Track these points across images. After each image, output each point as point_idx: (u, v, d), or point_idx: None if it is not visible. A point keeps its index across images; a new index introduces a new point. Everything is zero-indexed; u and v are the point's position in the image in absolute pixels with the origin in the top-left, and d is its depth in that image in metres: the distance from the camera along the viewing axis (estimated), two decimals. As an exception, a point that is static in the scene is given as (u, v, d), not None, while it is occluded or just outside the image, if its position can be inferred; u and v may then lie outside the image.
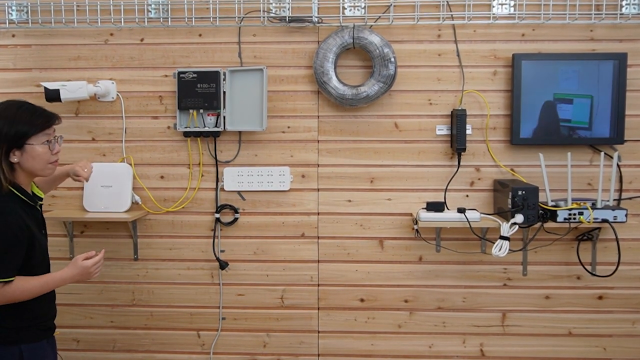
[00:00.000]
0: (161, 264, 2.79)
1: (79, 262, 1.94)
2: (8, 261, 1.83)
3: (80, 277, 1.95)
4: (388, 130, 2.68)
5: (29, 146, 1.86)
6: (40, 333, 1.97)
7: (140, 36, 2.71)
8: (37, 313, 1.96)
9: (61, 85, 2.60)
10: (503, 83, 2.63)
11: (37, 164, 1.89)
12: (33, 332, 1.95)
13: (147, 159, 2.74)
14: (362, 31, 2.54)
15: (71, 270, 1.94)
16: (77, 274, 1.94)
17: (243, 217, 2.75)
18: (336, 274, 2.75)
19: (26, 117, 1.86)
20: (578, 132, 2.57)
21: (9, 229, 1.81)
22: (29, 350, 1.92)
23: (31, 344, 1.94)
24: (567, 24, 2.59)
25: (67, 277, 1.94)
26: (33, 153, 1.87)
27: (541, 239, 2.58)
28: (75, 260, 1.95)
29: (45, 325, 2.00)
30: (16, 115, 1.84)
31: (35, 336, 1.95)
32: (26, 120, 1.85)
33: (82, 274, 1.94)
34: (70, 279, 1.95)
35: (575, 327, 2.71)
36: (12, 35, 2.74)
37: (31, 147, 1.86)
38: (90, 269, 1.94)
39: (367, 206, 2.71)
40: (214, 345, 2.81)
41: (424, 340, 2.76)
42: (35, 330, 1.96)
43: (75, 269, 1.94)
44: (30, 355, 1.92)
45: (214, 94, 2.62)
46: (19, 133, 1.84)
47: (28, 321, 1.93)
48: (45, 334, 2.00)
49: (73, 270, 1.94)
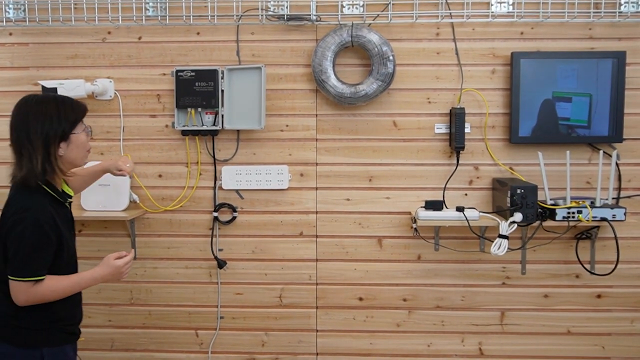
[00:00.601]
0: (159, 263, 2.78)
1: (111, 261, 1.91)
2: (38, 260, 1.80)
3: (111, 277, 1.92)
4: (387, 128, 2.68)
5: (74, 135, 1.87)
6: (63, 337, 1.93)
7: (138, 34, 2.70)
8: (60, 315, 1.91)
9: (59, 84, 2.59)
10: (502, 81, 2.63)
11: (80, 152, 1.91)
12: (55, 335, 1.91)
13: (145, 157, 2.73)
14: (361, 29, 2.54)
15: (102, 270, 1.90)
16: (108, 274, 1.91)
17: (241, 216, 2.74)
18: (335, 272, 2.75)
19: (69, 108, 1.87)
20: (577, 130, 2.57)
21: (40, 226, 1.78)
22: (51, 355, 1.88)
23: (54, 348, 1.89)
24: (565, 22, 2.58)
25: (98, 276, 1.91)
26: (77, 142, 1.88)
27: (540, 238, 2.58)
28: (107, 259, 1.92)
29: (69, 330, 1.96)
30: (59, 109, 1.85)
31: (58, 340, 1.91)
32: (70, 110, 1.87)
33: (113, 273, 1.91)
34: (101, 278, 1.91)
35: (574, 325, 2.71)
36: (10, 33, 2.73)
37: (76, 136, 1.88)
38: (121, 268, 1.91)
39: (366, 205, 2.71)
40: (212, 344, 2.80)
41: (422, 339, 2.75)
42: (58, 333, 1.91)
43: (107, 268, 1.90)
44: (52, 359, 1.88)
45: (212, 93, 2.61)
46: (69, 124, 1.85)
47: (50, 323, 1.89)
48: (69, 338, 1.96)
49: (104, 269, 1.90)
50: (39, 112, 1.82)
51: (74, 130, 1.87)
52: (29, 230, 1.77)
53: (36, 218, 1.78)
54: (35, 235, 1.78)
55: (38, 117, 1.82)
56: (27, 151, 1.81)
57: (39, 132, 1.80)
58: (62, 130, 1.83)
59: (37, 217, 1.78)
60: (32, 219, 1.78)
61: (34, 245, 1.78)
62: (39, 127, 1.81)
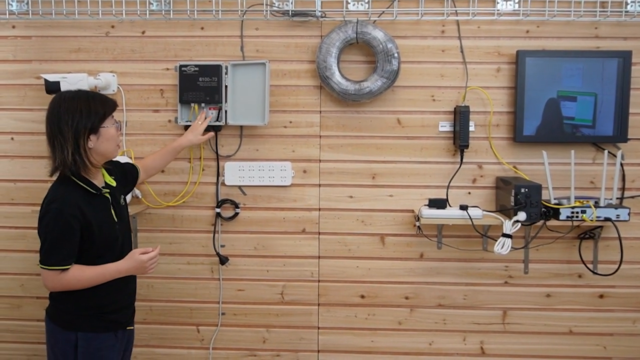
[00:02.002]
0: (161, 259, 2.77)
1: (136, 255, 1.99)
2: (63, 249, 1.89)
3: (135, 271, 2.02)
4: (390, 126, 2.67)
5: (104, 129, 1.96)
6: (99, 324, 2.00)
7: (142, 29, 2.69)
8: (96, 303, 1.99)
9: (62, 78, 2.57)
10: (507, 80, 2.62)
11: (110, 145, 1.99)
12: (91, 321, 1.99)
13: (147, 152, 2.72)
14: (366, 26, 2.53)
15: (127, 263, 1.99)
16: (132, 267, 2.00)
17: (244, 212, 2.73)
18: (337, 270, 2.74)
19: (99, 103, 1.97)
20: (581, 130, 2.56)
21: (62, 217, 1.87)
22: (84, 339, 1.97)
23: (88, 333, 1.97)
24: (571, 21, 2.57)
25: (123, 269, 1.99)
26: (107, 135, 1.97)
27: (543, 237, 2.57)
28: (132, 253, 2.00)
29: (106, 317, 2.02)
30: (89, 103, 1.94)
31: (93, 326, 1.99)
32: (99, 105, 1.96)
33: (137, 267, 2.00)
34: (125, 271, 2.00)
35: (576, 325, 2.71)
36: (12, 26, 2.72)
37: (105, 130, 1.96)
38: (145, 263, 2.00)
39: (369, 202, 2.70)
40: (214, 340, 2.80)
41: (424, 338, 2.75)
42: (93, 320, 1.99)
43: (132, 262, 1.99)
44: (85, 344, 1.97)
45: (215, 88, 2.60)
46: (98, 117, 1.93)
47: (86, 310, 1.98)
48: (108, 326, 2.02)
49: (129, 263, 1.99)
50: (70, 107, 1.92)
51: (103, 124, 1.95)
52: (52, 222, 1.88)
53: (60, 210, 1.88)
54: (58, 226, 1.88)
55: (69, 111, 1.91)
56: (59, 143, 1.91)
57: (69, 124, 1.90)
58: (92, 123, 1.92)
59: (60, 209, 1.88)
60: (56, 210, 1.88)
61: (57, 236, 1.88)
62: (69, 120, 1.90)
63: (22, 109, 2.74)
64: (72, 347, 1.97)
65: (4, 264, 2.80)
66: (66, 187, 1.93)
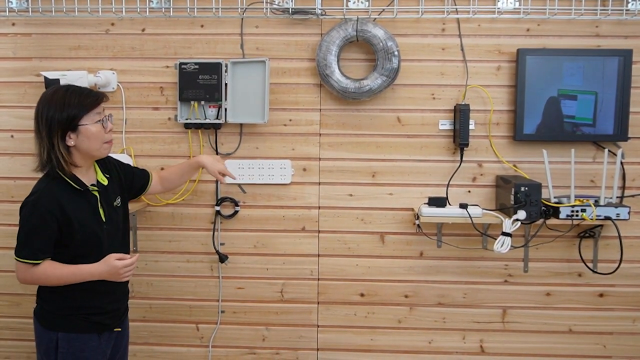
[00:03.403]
0: (160, 257, 2.77)
1: (111, 260, 1.91)
2: (35, 243, 1.85)
3: (109, 276, 1.93)
4: (390, 124, 2.67)
5: (83, 127, 1.86)
6: (81, 325, 1.94)
7: (142, 26, 2.69)
8: (79, 304, 1.94)
9: (61, 75, 2.57)
10: (507, 78, 2.61)
11: (93, 144, 1.89)
12: (72, 322, 1.94)
13: (147, 150, 2.72)
14: (366, 24, 2.52)
15: (101, 267, 1.91)
16: (105, 272, 1.91)
17: (243, 210, 2.73)
18: (336, 268, 2.74)
19: (75, 99, 1.86)
20: (582, 128, 2.55)
21: (36, 211, 1.83)
22: (65, 340, 1.92)
23: (69, 334, 1.93)
24: (572, 19, 2.57)
25: (96, 272, 1.91)
26: (87, 133, 1.87)
27: (543, 236, 2.56)
28: (108, 258, 1.92)
29: (92, 319, 1.97)
30: (65, 99, 1.85)
31: (75, 327, 1.94)
32: (76, 101, 1.86)
33: (111, 272, 1.91)
34: (98, 275, 1.92)
35: (575, 324, 2.71)
36: (12, 23, 2.71)
37: (85, 128, 1.87)
38: (119, 269, 1.91)
39: (369, 201, 2.70)
40: (213, 338, 2.79)
41: (423, 336, 2.75)
42: (75, 320, 1.94)
43: (106, 267, 1.91)
44: (65, 344, 1.92)
45: (215, 86, 2.60)
46: (71, 115, 1.84)
47: (68, 310, 1.94)
48: (91, 327, 1.97)
49: (103, 267, 1.91)
50: (47, 103, 1.86)
51: (81, 121, 1.86)
52: (28, 214, 1.85)
53: (36, 203, 1.84)
54: (32, 219, 1.84)
55: (45, 107, 1.85)
56: (39, 140, 1.86)
57: (44, 122, 1.84)
58: (65, 120, 1.83)
59: (36, 202, 1.84)
60: (32, 203, 1.85)
61: (31, 228, 1.85)
62: (44, 117, 1.84)
63: (22, 107, 2.73)
64: (53, 348, 1.92)
65: (4, 261, 2.80)
66: (50, 181, 1.87)
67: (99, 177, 2.01)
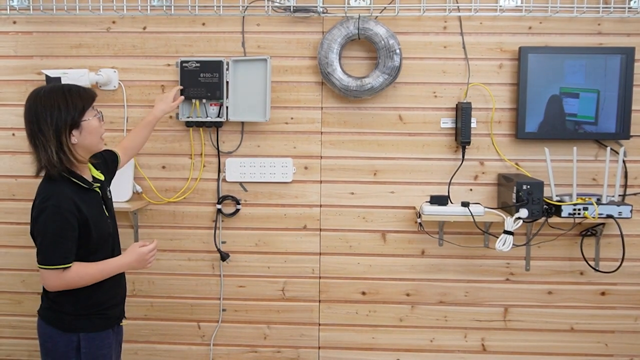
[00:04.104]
0: (162, 255, 2.77)
1: (136, 248, 1.95)
2: (63, 247, 1.84)
3: (137, 264, 1.96)
4: (392, 122, 2.66)
5: (85, 122, 1.88)
6: (100, 322, 1.96)
7: (143, 24, 2.68)
8: (96, 300, 1.95)
9: (62, 73, 2.57)
10: (509, 76, 2.61)
11: (94, 138, 1.91)
12: (92, 320, 1.95)
13: (148, 148, 2.72)
14: (368, 22, 2.52)
15: (128, 257, 1.95)
16: (133, 261, 1.95)
17: (245, 209, 2.73)
18: (338, 266, 2.74)
19: (76, 95, 1.88)
20: (584, 126, 2.55)
21: (61, 214, 1.82)
22: (87, 339, 1.93)
23: (90, 333, 1.93)
24: (574, 17, 2.56)
25: (124, 263, 1.94)
26: (90, 128, 1.89)
27: (545, 234, 2.56)
28: (133, 247, 1.96)
29: (106, 314, 1.98)
30: (66, 98, 1.86)
31: (95, 325, 1.95)
32: (77, 98, 1.87)
33: (138, 260, 1.95)
34: (127, 265, 1.95)
35: (577, 322, 2.70)
36: (14, 22, 2.71)
37: (87, 123, 1.88)
38: (146, 255, 1.95)
39: (370, 199, 2.69)
40: (214, 336, 2.79)
41: (425, 334, 2.75)
42: (94, 318, 1.95)
43: (133, 255, 1.95)
44: (87, 344, 1.93)
45: (216, 84, 2.60)
46: (77, 111, 1.86)
47: (87, 309, 1.94)
48: (107, 322, 1.99)
49: (130, 256, 1.95)
50: (47, 104, 1.84)
51: (84, 117, 1.87)
52: (50, 219, 1.82)
53: (57, 206, 1.82)
54: (57, 223, 1.82)
55: (47, 108, 1.83)
56: (41, 143, 1.83)
57: (49, 122, 1.83)
58: (72, 118, 1.85)
59: (57, 205, 1.82)
60: (53, 207, 1.82)
61: (56, 233, 1.82)
62: (48, 118, 1.83)
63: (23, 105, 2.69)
64: (74, 349, 1.91)
65: (5, 259, 2.80)
66: (58, 183, 1.86)
67: (93, 173, 2.01)
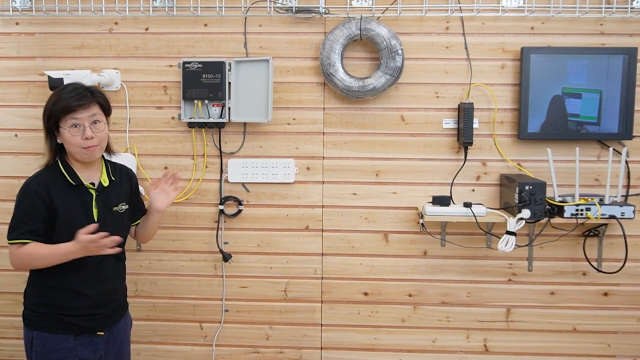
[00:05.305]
0: (164, 255, 2.77)
1: (79, 235, 1.87)
2: (24, 225, 1.88)
3: (84, 251, 1.88)
4: (394, 123, 2.66)
5: (62, 129, 1.92)
6: (56, 325, 1.94)
7: (145, 25, 2.69)
8: (55, 303, 1.95)
9: (65, 74, 2.57)
10: (511, 77, 2.61)
11: (71, 147, 1.94)
12: (46, 320, 1.95)
13: (151, 149, 2.72)
14: (370, 22, 2.52)
15: (73, 244, 1.88)
16: (79, 248, 1.87)
17: (247, 209, 2.73)
18: (340, 267, 2.73)
19: (51, 102, 1.93)
20: (586, 127, 2.55)
21: (26, 193, 1.89)
22: (39, 339, 1.94)
23: (43, 333, 1.94)
24: (577, 17, 2.56)
25: (73, 249, 1.88)
26: (64, 136, 1.92)
27: (547, 235, 2.56)
28: (77, 233, 1.88)
29: (67, 320, 1.96)
30: (50, 99, 1.94)
31: (49, 326, 1.94)
32: (50, 105, 1.93)
33: (82, 247, 1.87)
34: (76, 251, 1.88)
35: (580, 323, 2.70)
36: (16, 23, 2.71)
37: (63, 131, 1.92)
38: (86, 244, 1.85)
39: (372, 199, 2.69)
40: (217, 337, 2.80)
41: (427, 335, 2.75)
42: (50, 320, 1.95)
43: (77, 242, 1.87)
44: (39, 343, 1.93)
45: (219, 85, 2.60)
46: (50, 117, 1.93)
47: (42, 307, 1.95)
48: (67, 328, 1.96)
49: (75, 243, 1.88)
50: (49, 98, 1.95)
51: (60, 123, 1.92)
52: (19, 197, 1.93)
53: (27, 186, 1.91)
54: (24, 203, 1.90)
55: (47, 102, 1.95)
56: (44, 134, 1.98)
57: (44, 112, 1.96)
58: (48, 119, 1.93)
59: (27, 185, 1.92)
60: (25, 187, 1.92)
61: (22, 211, 1.90)
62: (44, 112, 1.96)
63: (25, 106, 2.74)
64: (30, 346, 1.94)
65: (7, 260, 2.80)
66: (45, 170, 1.96)
67: (102, 177, 2.02)
